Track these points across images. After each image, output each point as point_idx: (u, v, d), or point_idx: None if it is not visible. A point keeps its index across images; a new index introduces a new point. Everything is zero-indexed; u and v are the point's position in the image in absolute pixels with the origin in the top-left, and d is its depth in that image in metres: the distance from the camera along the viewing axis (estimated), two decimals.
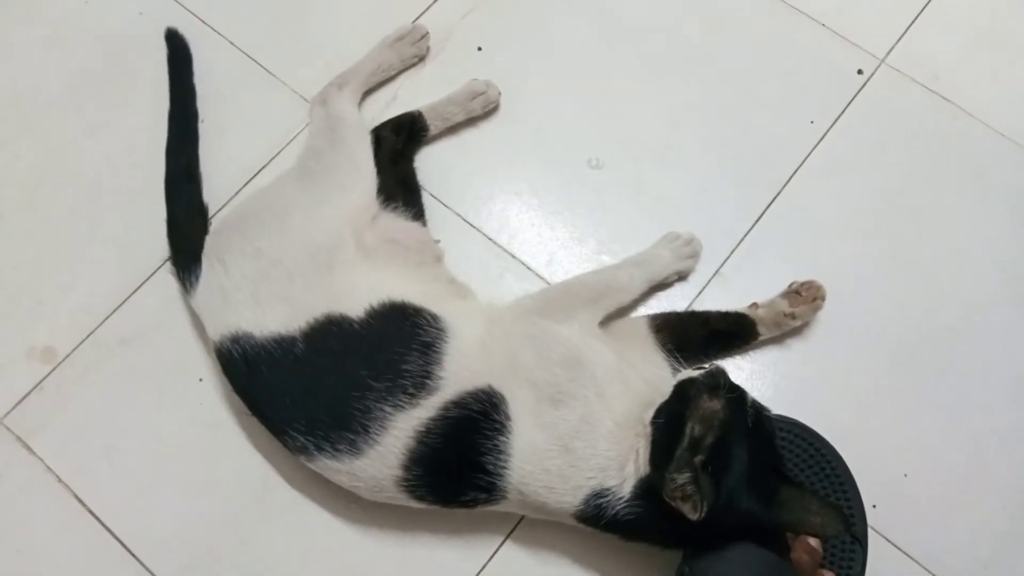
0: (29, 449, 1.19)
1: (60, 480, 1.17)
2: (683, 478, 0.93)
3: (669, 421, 0.99)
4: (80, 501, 1.16)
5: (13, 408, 1.21)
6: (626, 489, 0.99)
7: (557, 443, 1.01)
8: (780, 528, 1.00)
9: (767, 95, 1.39)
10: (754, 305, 1.21)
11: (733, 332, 1.20)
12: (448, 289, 1.18)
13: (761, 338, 1.21)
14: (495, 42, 1.42)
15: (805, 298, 1.20)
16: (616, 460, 1.00)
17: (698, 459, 0.94)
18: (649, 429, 1.00)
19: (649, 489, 0.98)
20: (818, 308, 1.21)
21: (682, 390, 1.02)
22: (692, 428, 0.96)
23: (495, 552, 1.14)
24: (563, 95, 1.39)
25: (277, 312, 1.08)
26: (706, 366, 1.04)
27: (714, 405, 0.98)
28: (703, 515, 0.93)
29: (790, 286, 1.22)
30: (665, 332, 1.17)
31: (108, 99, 1.39)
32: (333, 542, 1.14)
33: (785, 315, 1.20)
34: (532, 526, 1.13)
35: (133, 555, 1.14)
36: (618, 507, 0.99)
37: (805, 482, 1.11)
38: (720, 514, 0.94)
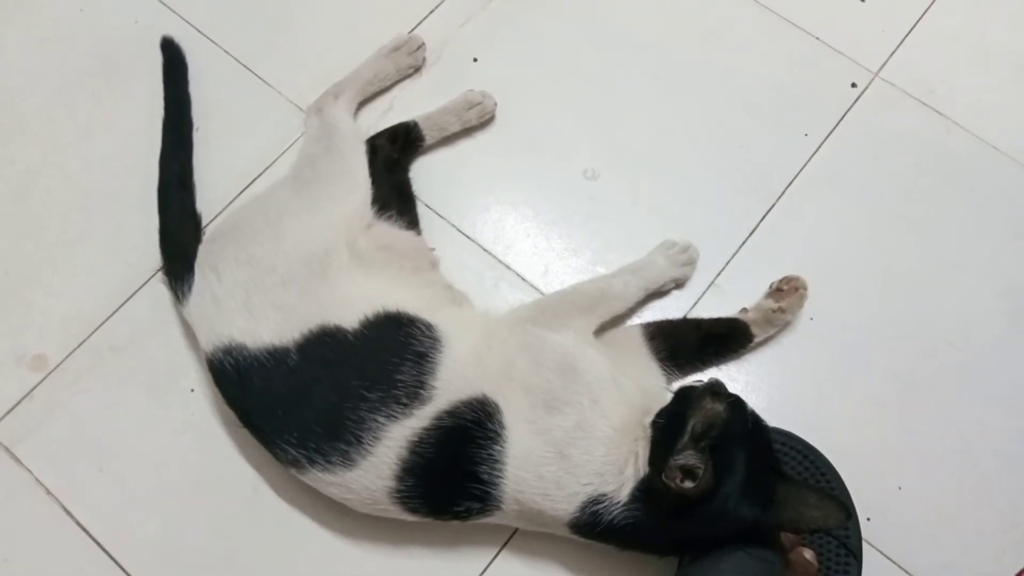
0: (17, 460, 1.17)
1: (48, 491, 1.16)
2: (686, 455, 0.94)
3: (670, 422, 0.99)
4: (68, 512, 1.15)
5: (2, 417, 1.20)
6: (624, 493, 0.99)
7: (552, 450, 1.00)
8: (781, 528, 1.00)
9: (761, 107, 1.39)
10: (744, 310, 1.22)
11: (727, 335, 1.21)
12: (444, 295, 1.18)
13: (756, 340, 1.21)
14: (491, 53, 1.43)
15: (788, 292, 1.21)
16: (614, 465, 1.00)
17: (701, 445, 0.95)
18: (649, 431, 1.00)
19: (647, 491, 0.98)
20: (803, 298, 1.22)
21: (683, 395, 1.03)
22: (694, 425, 0.96)
23: (488, 565, 1.13)
24: (559, 106, 1.39)
25: (270, 321, 1.07)
26: (703, 379, 1.04)
27: (716, 406, 0.98)
28: (705, 486, 0.93)
29: (771, 287, 1.23)
30: (659, 339, 1.17)
31: (102, 105, 1.39)
32: (324, 555, 1.13)
33: (774, 311, 1.20)
34: (526, 538, 1.12)
35: (121, 567, 1.13)
36: (615, 512, 0.99)
37: (800, 479, 1.11)
38: (719, 514, 0.94)
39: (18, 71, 1.42)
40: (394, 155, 1.29)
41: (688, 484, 0.94)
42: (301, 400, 1.04)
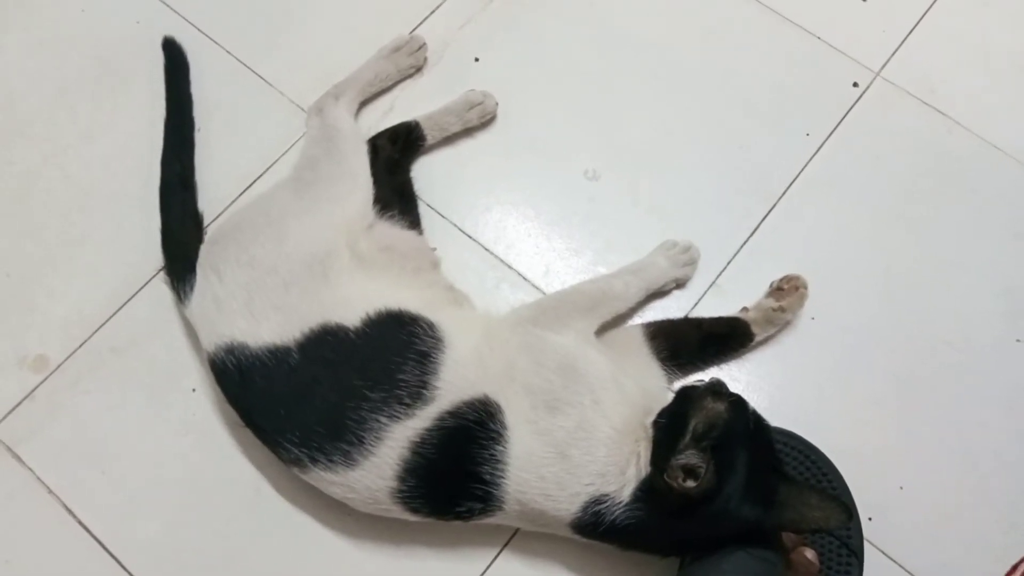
0: (19, 459, 1.18)
1: (50, 491, 1.16)
2: (688, 455, 0.94)
3: (671, 422, 0.99)
4: (70, 512, 1.15)
5: (4, 418, 1.20)
6: (626, 493, 0.99)
7: (553, 450, 1.01)
8: (782, 528, 1.00)
9: (763, 107, 1.39)
10: (744, 310, 1.23)
11: (727, 334, 1.21)
12: (445, 296, 1.18)
13: (757, 339, 1.21)
14: (492, 53, 1.43)
15: (788, 291, 1.21)
16: (616, 465, 1.00)
17: (703, 444, 0.95)
18: (651, 431, 1.01)
19: (649, 491, 0.98)
20: (804, 297, 1.22)
21: (684, 394, 1.03)
22: (695, 425, 0.96)
23: (490, 565, 1.13)
24: (560, 106, 1.39)
25: (271, 322, 1.07)
26: (704, 379, 1.04)
27: (718, 406, 0.99)
28: (707, 486, 0.93)
29: (771, 286, 1.23)
30: (660, 339, 1.17)
31: (103, 105, 1.39)
32: (326, 555, 1.13)
33: (774, 311, 1.20)
34: (527, 539, 1.12)
35: (123, 567, 1.13)
36: (617, 512, 0.99)
37: (802, 478, 1.11)
38: (720, 514, 0.94)
39: (19, 72, 1.42)
40: (395, 155, 1.29)
41: (690, 484, 0.94)
42: (303, 399, 1.04)
